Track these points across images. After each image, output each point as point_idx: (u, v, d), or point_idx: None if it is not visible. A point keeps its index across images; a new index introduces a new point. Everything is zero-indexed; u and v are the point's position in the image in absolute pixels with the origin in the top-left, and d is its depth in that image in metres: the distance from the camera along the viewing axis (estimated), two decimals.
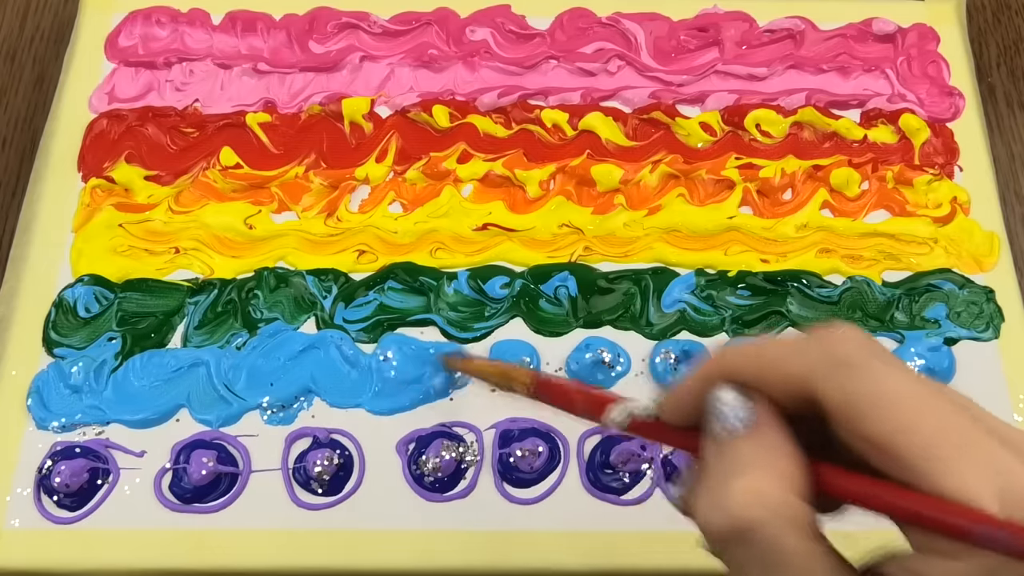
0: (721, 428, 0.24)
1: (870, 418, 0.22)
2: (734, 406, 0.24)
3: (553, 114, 0.59)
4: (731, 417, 0.24)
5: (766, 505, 0.22)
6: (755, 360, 0.24)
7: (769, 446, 0.23)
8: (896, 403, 0.22)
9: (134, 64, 0.60)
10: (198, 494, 0.47)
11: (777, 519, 0.22)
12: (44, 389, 0.49)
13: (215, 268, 0.54)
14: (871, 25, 0.63)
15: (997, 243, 0.56)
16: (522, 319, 0.53)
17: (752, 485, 0.22)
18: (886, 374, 0.22)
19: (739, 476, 0.22)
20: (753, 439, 0.23)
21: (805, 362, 0.23)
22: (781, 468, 0.23)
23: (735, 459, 0.23)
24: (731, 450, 0.23)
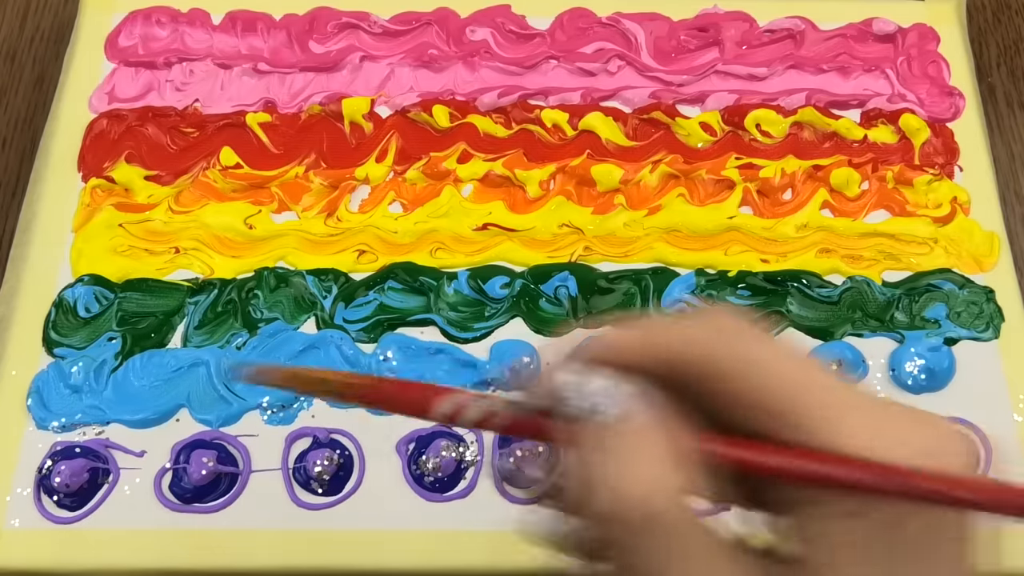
0: (599, 413, 0.22)
1: (750, 381, 0.22)
2: (608, 389, 0.23)
3: (553, 114, 0.59)
4: (608, 401, 0.22)
5: (659, 490, 0.21)
6: (630, 338, 0.23)
7: (653, 426, 0.22)
8: (787, 369, 0.22)
9: (134, 64, 0.60)
10: (198, 494, 0.47)
11: (675, 504, 0.21)
12: (44, 389, 0.49)
13: (215, 268, 0.54)
14: (871, 25, 0.63)
15: (997, 243, 0.56)
16: (522, 319, 0.53)
17: (645, 470, 0.21)
18: (760, 341, 0.23)
19: (630, 461, 0.22)
20: (635, 420, 0.22)
21: (683, 335, 0.23)
22: (670, 450, 0.22)
23: (620, 444, 0.22)
24: (614, 435, 0.22)
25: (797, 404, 0.22)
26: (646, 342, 0.23)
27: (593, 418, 0.22)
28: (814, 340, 0.53)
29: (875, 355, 0.52)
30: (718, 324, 0.23)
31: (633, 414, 0.22)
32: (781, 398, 0.22)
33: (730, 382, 0.22)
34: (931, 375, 0.51)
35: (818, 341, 0.53)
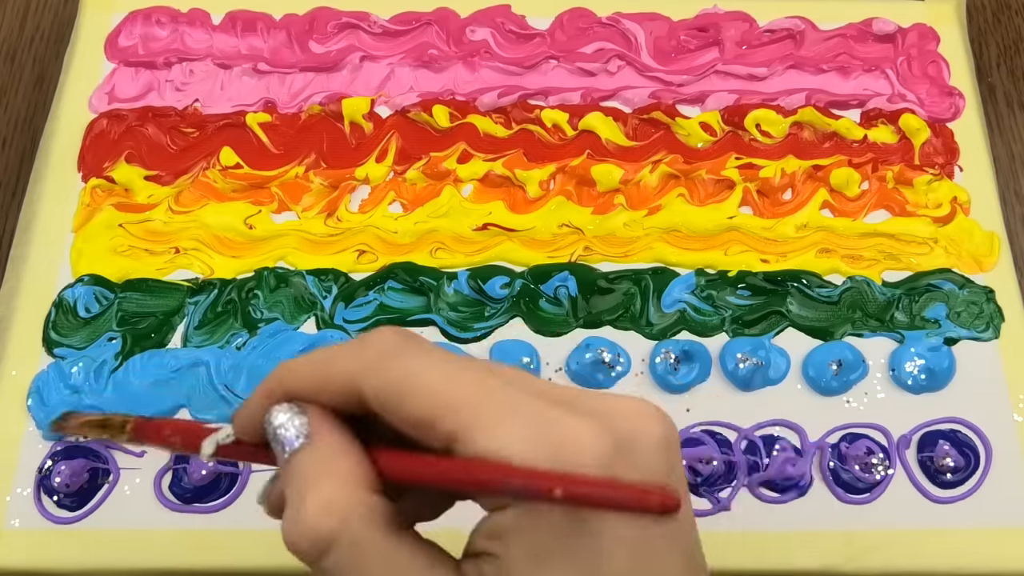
0: (280, 447, 0.24)
1: (406, 402, 0.23)
2: (287, 423, 0.24)
3: (553, 114, 0.59)
4: (287, 436, 0.24)
5: (336, 513, 0.22)
6: (306, 370, 0.25)
7: (327, 454, 0.23)
8: (426, 383, 0.23)
9: (134, 64, 0.60)
10: (198, 494, 0.47)
11: (351, 522, 0.22)
12: (44, 389, 0.49)
13: (215, 268, 0.54)
14: (871, 25, 0.63)
15: (997, 243, 0.56)
16: (522, 319, 0.53)
17: (319, 498, 0.22)
18: (414, 358, 0.23)
19: (306, 492, 0.23)
20: (311, 450, 0.24)
21: (348, 364, 0.24)
22: (343, 471, 0.23)
23: (299, 474, 0.23)
24: (294, 467, 0.24)
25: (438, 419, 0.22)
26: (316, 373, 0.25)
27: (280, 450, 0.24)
28: (814, 340, 0.53)
29: (875, 355, 0.52)
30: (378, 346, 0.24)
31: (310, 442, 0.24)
32: (436, 412, 0.22)
33: (389, 404, 0.23)
34: (931, 375, 0.51)
35: (818, 341, 0.53)
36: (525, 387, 0.23)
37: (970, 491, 0.49)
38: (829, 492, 0.49)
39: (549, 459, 0.21)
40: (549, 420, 0.22)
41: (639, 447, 0.22)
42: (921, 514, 0.49)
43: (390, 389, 0.23)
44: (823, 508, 0.48)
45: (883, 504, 0.49)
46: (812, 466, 0.49)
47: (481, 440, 0.22)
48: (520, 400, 0.22)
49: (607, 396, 0.23)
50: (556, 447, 0.21)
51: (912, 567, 0.48)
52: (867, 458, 0.49)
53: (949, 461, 0.49)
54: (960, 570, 0.48)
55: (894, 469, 0.49)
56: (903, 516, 0.48)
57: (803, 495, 0.49)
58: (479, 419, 0.22)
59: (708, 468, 0.48)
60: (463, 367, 0.23)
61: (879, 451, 0.49)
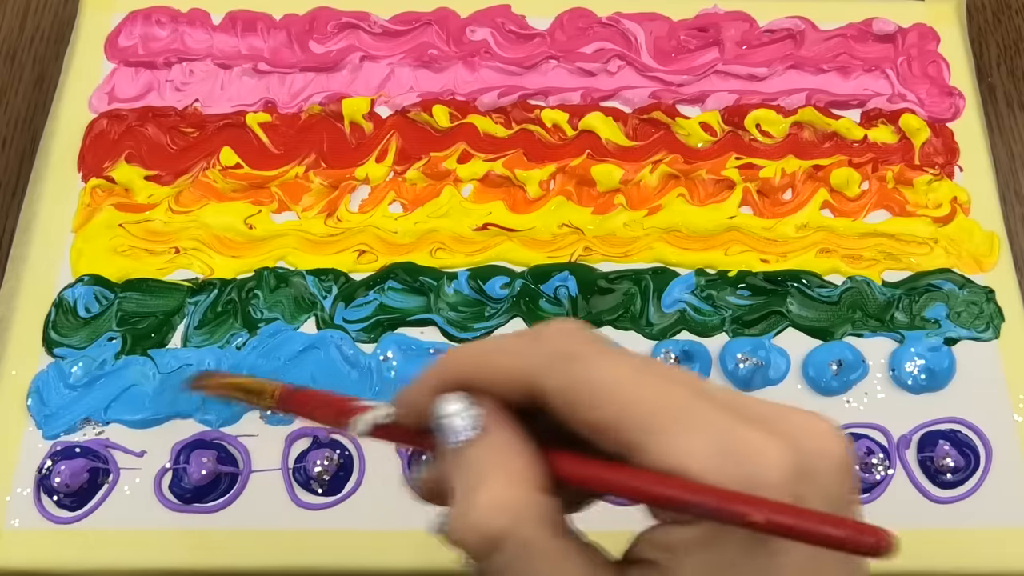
0: (451, 439, 0.24)
1: (589, 404, 0.22)
2: (459, 415, 0.24)
3: (553, 114, 0.59)
4: (458, 427, 0.23)
5: (508, 511, 0.22)
6: (478, 361, 0.24)
7: (501, 449, 0.23)
8: (611, 387, 0.22)
9: (134, 64, 0.60)
10: (198, 494, 0.47)
11: (522, 523, 0.22)
12: (44, 389, 0.49)
13: (215, 268, 0.54)
14: (871, 25, 0.63)
15: (997, 243, 0.56)
16: (522, 319, 0.53)
17: (491, 494, 0.22)
18: (601, 361, 0.23)
19: (478, 487, 0.22)
20: (483, 445, 0.23)
21: (526, 359, 0.23)
22: (516, 469, 0.23)
23: (470, 469, 0.23)
24: (465, 460, 0.23)
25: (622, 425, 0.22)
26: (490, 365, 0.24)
27: (448, 440, 0.24)
28: (814, 340, 0.53)
29: (875, 355, 0.52)
30: (559, 344, 0.23)
31: (483, 436, 0.23)
32: (617, 420, 0.22)
33: (569, 405, 0.23)
34: (931, 375, 0.51)
35: (818, 341, 0.53)
36: (708, 396, 0.22)
37: (970, 491, 0.49)
38: None
39: (733, 476, 0.20)
40: (734, 435, 0.21)
41: (822, 469, 0.22)
42: (921, 514, 0.49)
43: (573, 390, 0.22)
44: None
45: (883, 504, 0.49)
46: None
47: (662, 451, 0.21)
48: (705, 411, 0.22)
49: (789, 411, 0.23)
50: (742, 464, 0.21)
51: (912, 567, 0.48)
52: (867, 458, 0.49)
53: (949, 461, 0.49)
54: (960, 570, 0.48)
55: (894, 469, 0.49)
56: (903, 516, 0.48)
57: None
58: (662, 429, 0.21)
59: None
60: (646, 371, 0.23)
61: (879, 451, 0.49)
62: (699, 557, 0.21)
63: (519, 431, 0.24)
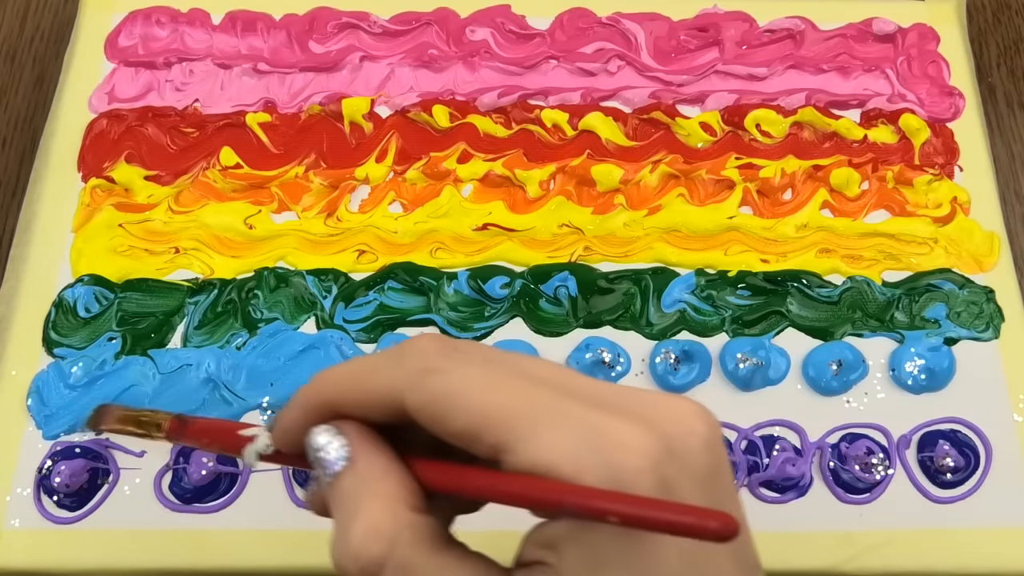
0: (325, 472, 0.24)
1: (450, 415, 0.22)
2: (327, 446, 0.24)
3: (553, 114, 0.59)
4: (329, 459, 0.24)
5: (383, 537, 0.22)
6: (344, 384, 0.24)
7: (370, 476, 0.23)
8: (467, 396, 0.22)
9: (134, 64, 0.60)
10: (198, 494, 0.47)
11: (398, 546, 0.22)
12: (44, 389, 0.49)
13: (215, 268, 0.54)
14: (871, 25, 0.63)
15: (997, 243, 0.56)
16: (522, 319, 0.53)
17: (365, 523, 0.22)
18: (458, 372, 0.23)
19: (352, 517, 0.23)
20: (352, 473, 0.23)
21: (389, 377, 0.24)
22: (387, 493, 0.23)
23: (344, 499, 0.23)
24: (338, 491, 0.24)
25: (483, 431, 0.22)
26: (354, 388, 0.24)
27: (322, 473, 0.24)
28: (814, 340, 0.53)
29: (875, 355, 0.52)
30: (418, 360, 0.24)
31: (352, 464, 0.24)
32: (482, 426, 0.22)
33: (435, 418, 0.23)
34: (931, 375, 0.51)
35: (818, 341, 0.53)
36: (570, 391, 0.23)
37: (970, 491, 0.49)
38: (829, 492, 0.49)
39: (598, 467, 0.21)
40: (596, 427, 0.21)
41: (687, 448, 0.22)
42: (921, 514, 0.49)
43: (433, 404, 0.23)
44: (823, 508, 0.48)
45: (883, 504, 0.49)
46: (812, 466, 0.49)
47: (528, 452, 0.21)
48: (565, 407, 0.22)
49: (653, 395, 0.23)
50: (605, 455, 0.21)
51: (912, 567, 0.48)
52: (867, 458, 0.49)
53: (949, 461, 0.49)
54: (960, 570, 0.48)
55: (894, 469, 0.49)
56: (903, 516, 0.48)
57: (803, 495, 0.49)
58: (524, 431, 0.22)
59: None
60: (506, 375, 0.23)
61: (879, 451, 0.49)
62: (575, 552, 0.22)
63: (387, 453, 0.24)
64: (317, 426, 0.24)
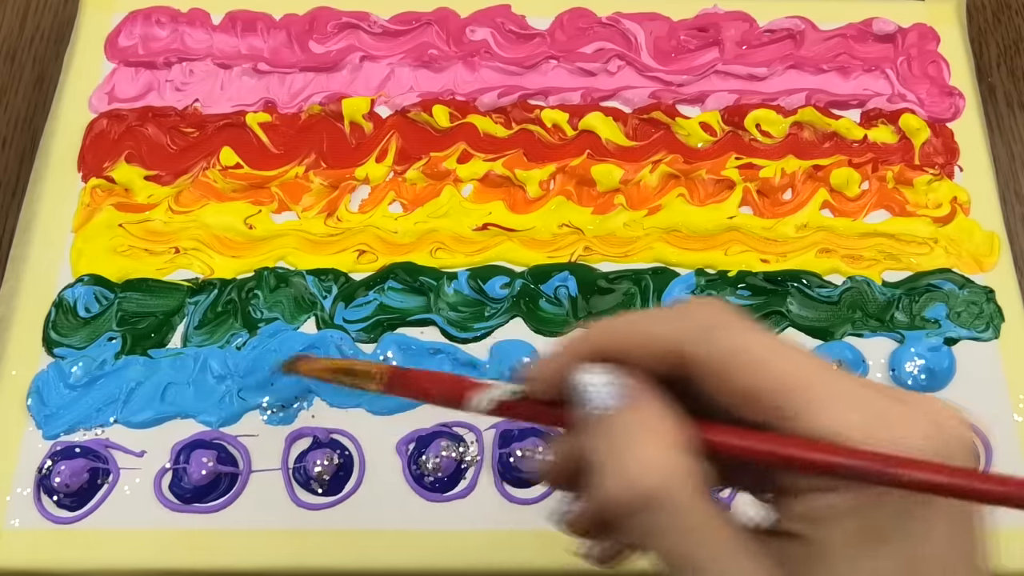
0: (597, 408, 0.24)
1: (734, 372, 0.23)
2: (605, 384, 0.24)
3: (553, 114, 0.59)
4: (604, 395, 0.24)
5: (660, 470, 0.22)
6: (625, 331, 0.25)
7: (649, 415, 0.24)
8: (761, 357, 0.23)
9: (134, 64, 0.60)
10: (198, 494, 0.47)
11: (673, 483, 0.22)
12: (44, 389, 0.49)
13: (215, 268, 0.54)
14: (871, 25, 0.63)
15: (997, 243, 0.56)
16: (522, 319, 0.53)
17: (643, 454, 0.23)
18: (750, 332, 0.24)
19: (628, 448, 0.23)
20: (634, 410, 0.24)
21: (675, 328, 0.24)
22: (668, 433, 0.23)
23: (619, 433, 0.23)
24: (612, 426, 0.24)
25: (771, 393, 0.22)
26: (636, 335, 0.25)
27: (595, 408, 0.24)
28: (814, 340, 0.53)
29: (875, 355, 0.52)
30: (706, 316, 0.24)
31: (632, 403, 0.24)
32: (769, 388, 0.22)
33: (718, 374, 0.23)
34: (931, 375, 0.51)
35: (818, 341, 0.53)
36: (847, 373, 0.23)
37: None
38: None
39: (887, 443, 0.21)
40: (883, 408, 0.22)
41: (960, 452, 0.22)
42: None
43: (720, 358, 0.23)
44: None
45: None
46: None
47: (818, 419, 0.22)
48: (851, 385, 0.22)
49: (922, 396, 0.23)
50: (894, 431, 0.21)
51: None
52: None
53: None
54: None
55: None
56: None
57: None
58: (812, 399, 0.22)
59: None
60: (791, 346, 0.23)
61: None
62: (848, 525, 0.22)
63: (665, 398, 0.24)
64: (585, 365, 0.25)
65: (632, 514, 0.23)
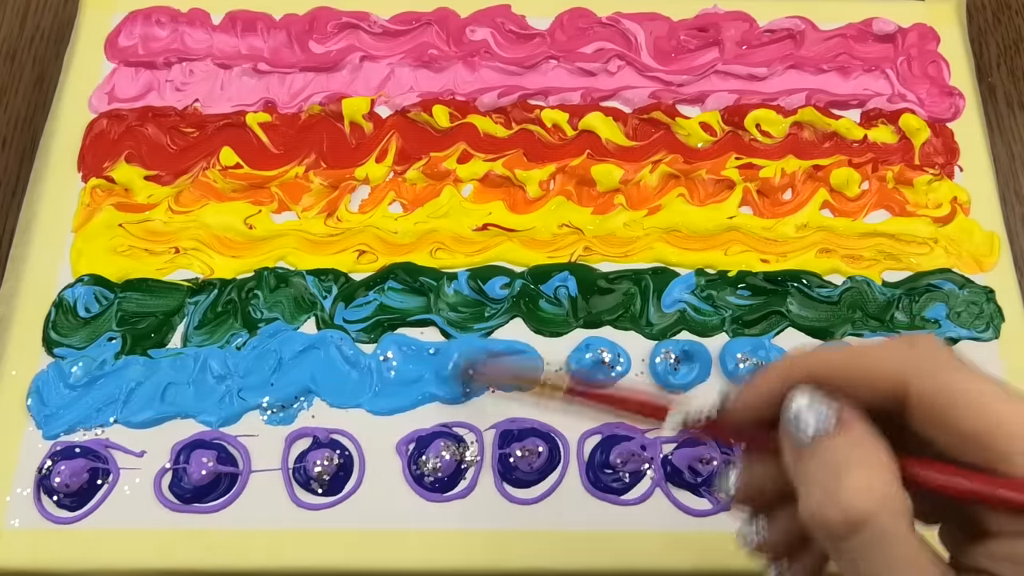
0: (810, 431, 0.25)
1: (961, 412, 0.24)
2: (819, 407, 0.25)
3: (553, 114, 0.59)
4: (818, 419, 0.25)
5: (875, 498, 0.23)
6: (847, 361, 0.26)
7: (863, 442, 0.24)
8: (985, 399, 0.24)
9: (134, 64, 0.60)
10: (198, 494, 0.47)
11: (886, 511, 0.23)
12: (44, 389, 0.49)
13: (215, 268, 0.54)
14: (871, 25, 0.63)
15: (997, 243, 0.56)
16: (522, 319, 0.53)
17: (861, 479, 0.23)
18: (971, 375, 0.24)
19: (847, 472, 0.23)
20: (848, 436, 0.24)
21: (902, 363, 0.25)
22: (878, 460, 0.24)
23: (834, 457, 0.24)
24: (827, 449, 0.24)
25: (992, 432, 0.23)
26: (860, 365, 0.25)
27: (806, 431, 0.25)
28: (814, 340, 0.53)
29: None
30: (931, 353, 0.25)
31: (847, 429, 0.24)
32: (990, 430, 0.23)
33: (942, 411, 0.24)
34: None
35: (818, 341, 0.53)
36: None
37: None
38: None
39: None
40: None
41: None
42: None
43: (947, 397, 0.24)
44: None
45: None
46: None
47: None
48: None
49: None
50: None
51: None
52: None
53: None
54: None
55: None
56: None
57: None
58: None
59: (708, 468, 0.48)
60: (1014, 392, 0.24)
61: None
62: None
63: (874, 428, 0.25)
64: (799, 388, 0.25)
65: (842, 537, 0.23)
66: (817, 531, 0.24)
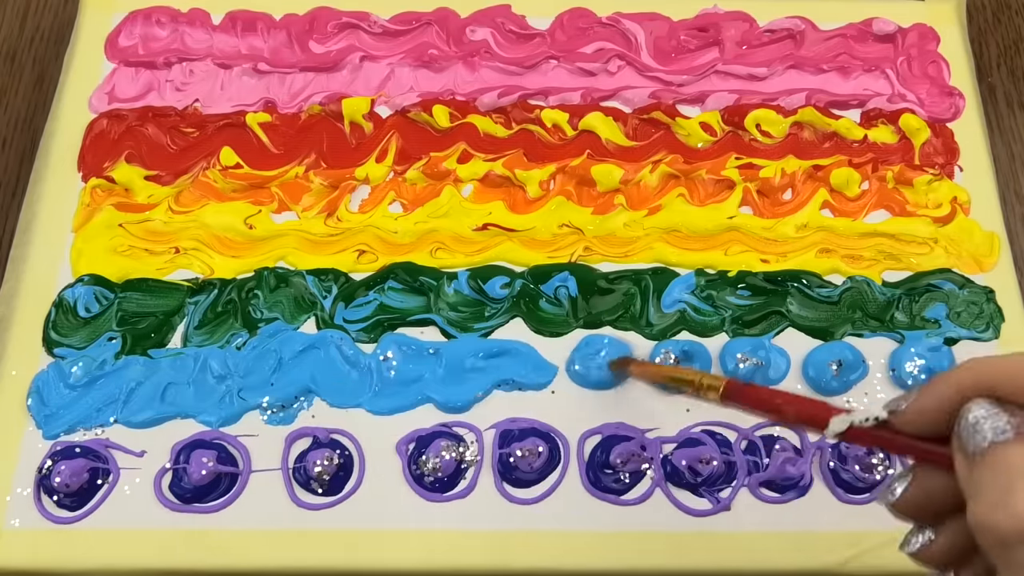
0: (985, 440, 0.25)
1: None
2: (997, 416, 0.25)
3: (553, 114, 0.59)
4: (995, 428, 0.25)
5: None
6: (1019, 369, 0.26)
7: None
8: None
9: (134, 64, 0.60)
10: (198, 494, 0.47)
11: None
12: (44, 389, 0.49)
13: (215, 268, 0.54)
14: (871, 25, 0.63)
15: (997, 243, 0.56)
16: (522, 319, 0.53)
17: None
18: None
19: (1020, 480, 0.23)
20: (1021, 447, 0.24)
21: None
22: None
23: (1009, 465, 0.24)
24: (1002, 457, 0.24)
25: None
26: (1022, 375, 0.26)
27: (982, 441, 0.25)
28: (814, 340, 0.53)
29: (875, 355, 0.52)
30: None
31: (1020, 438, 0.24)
32: None
33: None
34: (931, 375, 0.51)
35: (818, 341, 0.53)
36: None
37: None
38: (829, 492, 0.49)
39: None
40: None
41: None
42: None
43: None
44: (823, 508, 0.48)
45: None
46: (812, 466, 0.49)
47: None
48: None
49: None
50: None
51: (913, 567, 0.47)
52: (867, 458, 0.49)
53: None
54: None
55: (894, 469, 0.49)
56: None
57: (803, 495, 0.49)
58: None
59: (708, 468, 0.48)
60: None
61: (879, 451, 0.49)
62: None
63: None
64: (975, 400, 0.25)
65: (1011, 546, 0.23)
66: (985, 538, 0.24)
